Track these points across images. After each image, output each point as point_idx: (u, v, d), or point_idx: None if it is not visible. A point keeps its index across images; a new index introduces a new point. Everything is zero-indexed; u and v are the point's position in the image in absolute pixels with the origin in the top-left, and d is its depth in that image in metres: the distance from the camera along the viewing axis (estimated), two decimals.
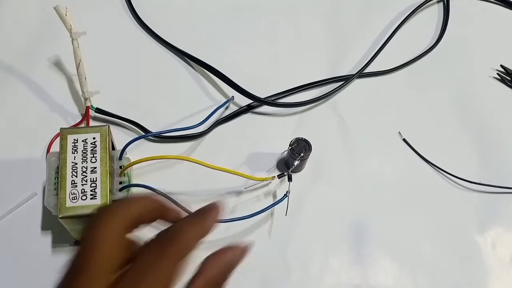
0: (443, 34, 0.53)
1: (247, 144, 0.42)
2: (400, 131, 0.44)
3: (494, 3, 0.57)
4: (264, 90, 0.45)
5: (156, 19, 0.51)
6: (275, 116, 0.45)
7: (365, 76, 0.48)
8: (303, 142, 0.38)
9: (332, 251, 0.37)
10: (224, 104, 0.43)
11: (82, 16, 0.43)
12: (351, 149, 0.43)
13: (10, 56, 0.47)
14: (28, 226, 0.37)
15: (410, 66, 0.50)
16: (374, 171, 0.42)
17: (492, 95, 0.48)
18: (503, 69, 0.50)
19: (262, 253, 0.36)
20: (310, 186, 0.40)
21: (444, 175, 0.42)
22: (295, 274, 0.35)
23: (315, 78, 0.47)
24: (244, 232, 0.37)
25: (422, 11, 0.55)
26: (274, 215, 0.38)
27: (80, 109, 0.44)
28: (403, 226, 0.38)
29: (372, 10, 0.55)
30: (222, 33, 0.51)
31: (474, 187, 0.41)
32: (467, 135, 0.45)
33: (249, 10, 0.53)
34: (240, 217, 0.33)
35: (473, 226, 0.39)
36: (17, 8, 0.51)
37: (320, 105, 0.46)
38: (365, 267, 0.37)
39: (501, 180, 0.41)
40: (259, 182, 0.38)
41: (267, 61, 0.49)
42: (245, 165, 0.40)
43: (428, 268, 0.36)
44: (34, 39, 0.48)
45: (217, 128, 0.43)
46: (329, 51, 0.50)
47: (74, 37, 0.40)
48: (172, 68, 0.48)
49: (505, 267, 0.37)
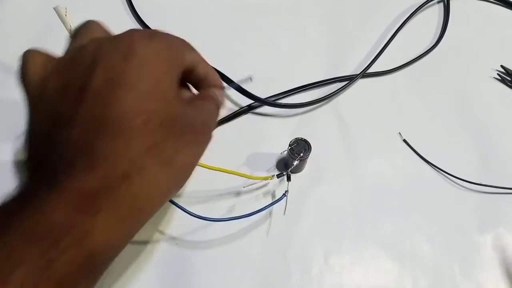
0: (443, 35, 0.53)
1: (247, 144, 0.42)
2: (400, 131, 0.44)
3: (494, 3, 0.57)
4: (265, 90, 0.45)
5: (156, 19, 0.51)
6: (275, 116, 0.45)
7: (366, 77, 0.48)
8: (303, 142, 0.38)
9: (332, 251, 0.37)
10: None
11: (82, 16, 0.43)
12: (351, 149, 0.43)
13: (10, 56, 0.47)
14: None
15: (410, 66, 0.50)
16: (374, 171, 0.41)
17: (492, 95, 0.48)
18: (503, 69, 0.50)
19: (261, 253, 0.36)
20: (310, 186, 0.40)
21: (444, 176, 0.42)
22: (295, 274, 0.35)
23: (315, 78, 0.47)
24: (241, 231, 0.37)
25: (422, 12, 0.56)
26: (272, 215, 0.38)
27: None
28: (403, 227, 0.38)
29: (372, 11, 0.55)
30: (222, 33, 0.51)
31: (474, 187, 0.41)
32: (467, 135, 0.45)
33: (249, 10, 0.53)
34: (238, 216, 0.33)
35: (473, 226, 0.39)
36: (17, 8, 0.51)
37: (320, 106, 0.46)
38: (365, 267, 0.36)
39: (501, 180, 0.41)
40: (258, 181, 0.38)
41: (267, 61, 0.49)
42: (245, 165, 0.40)
43: (428, 268, 0.36)
44: (34, 40, 0.48)
45: (217, 128, 0.43)
46: (329, 52, 0.51)
47: None
48: None
49: (505, 267, 0.37)
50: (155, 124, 0.21)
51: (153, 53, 0.22)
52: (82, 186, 0.20)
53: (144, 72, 0.21)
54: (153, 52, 0.23)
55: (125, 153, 0.20)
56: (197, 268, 0.35)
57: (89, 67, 0.21)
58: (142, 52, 0.22)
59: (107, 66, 0.21)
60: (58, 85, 0.22)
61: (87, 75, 0.21)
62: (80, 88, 0.21)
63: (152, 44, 0.23)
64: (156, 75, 0.22)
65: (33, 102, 0.24)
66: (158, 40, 0.23)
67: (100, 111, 0.20)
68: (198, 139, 0.26)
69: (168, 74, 0.23)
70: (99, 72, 0.21)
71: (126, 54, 0.21)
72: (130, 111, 0.21)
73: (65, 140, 0.21)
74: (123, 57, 0.21)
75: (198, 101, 0.28)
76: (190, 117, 0.25)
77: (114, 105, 0.20)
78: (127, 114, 0.20)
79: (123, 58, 0.21)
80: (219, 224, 0.36)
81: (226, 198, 0.38)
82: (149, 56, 0.22)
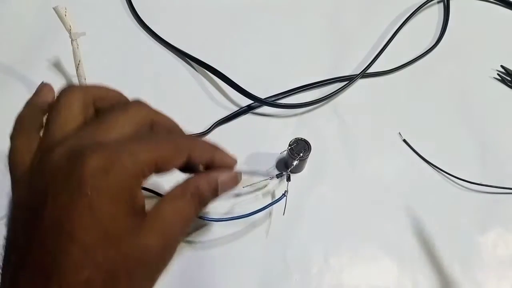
0: (443, 35, 0.53)
1: (247, 144, 0.42)
2: (400, 131, 0.44)
3: (494, 3, 0.57)
4: (265, 90, 0.45)
5: (156, 19, 0.51)
6: (275, 117, 0.45)
7: (366, 77, 0.48)
8: (303, 142, 0.38)
9: (332, 251, 0.37)
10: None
11: (82, 16, 0.43)
12: (351, 149, 0.43)
13: (10, 57, 0.47)
14: None
15: (410, 66, 0.50)
16: (374, 171, 0.41)
17: (492, 95, 0.48)
18: (503, 69, 0.50)
19: (261, 253, 0.36)
20: (310, 186, 0.40)
21: (444, 176, 0.42)
22: (295, 274, 0.35)
23: (315, 78, 0.47)
24: (241, 231, 0.37)
25: (422, 12, 0.56)
26: (272, 215, 0.38)
27: None
28: (403, 227, 0.38)
29: (372, 11, 0.55)
30: (222, 33, 0.51)
31: (474, 187, 0.41)
32: (467, 135, 0.45)
33: (249, 10, 0.53)
34: (237, 216, 0.33)
35: (474, 226, 0.39)
36: (17, 8, 0.51)
37: (320, 106, 0.46)
38: (365, 267, 0.36)
39: (501, 180, 0.41)
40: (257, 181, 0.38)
41: (267, 61, 0.49)
42: (245, 164, 0.40)
43: (428, 268, 0.36)
44: (34, 40, 0.48)
45: (217, 129, 0.43)
46: (329, 52, 0.51)
47: (73, 37, 0.40)
48: (173, 69, 0.48)
49: (505, 267, 0.37)
50: (98, 281, 0.20)
51: (106, 191, 0.20)
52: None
53: (91, 219, 0.20)
54: (106, 189, 0.20)
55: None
56: (197, 268, 0.35)
57: (44, 196, 0.20)
58: (93, 192, 0.20)
59: (56, 206, 0.20)
60: (23, 196, 0.22)
61: (42, 204, 0.20)
62: (36, 216, 0.21)
63: (107, 178, 0.20)
64: (106, 219, 0.20)
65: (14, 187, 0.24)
66: (116, 170, 0.21)
67: (47, 256, 0.20)
68: (153, 276, 0.23)
69: (123, 207, 0.21)
70: (49, 209, 0.20)
71: (75, 195, 0.20)
72: (74, 264, 0.20)
73: (22, 258, 0.21)
74: (71, 199, 0.20)
75: (166, 208, 0.23)
76: (146, 252, 0.22)
77: (60, 254, 0.20)
78: (71, 267, 0.20)
79: (71, 201, 0.20)
80: (219, 224, 0.36)
81: (226, 198, 0.38)
82: (101, 197, 0.20)
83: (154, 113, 0.26)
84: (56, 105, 0.24)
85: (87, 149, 0.21)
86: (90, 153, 0.20)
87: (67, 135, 0.23)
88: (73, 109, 0.24)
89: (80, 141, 0.22)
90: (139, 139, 0.23)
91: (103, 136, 0.22)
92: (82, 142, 0.22)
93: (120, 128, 0.23)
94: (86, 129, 0.23)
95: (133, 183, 0.21)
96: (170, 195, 0.24)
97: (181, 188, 0.25)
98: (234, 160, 0.28)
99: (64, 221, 0.20)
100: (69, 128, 0.23)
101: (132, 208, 0.22)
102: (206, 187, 0.25)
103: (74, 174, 0.20)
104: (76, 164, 0.20)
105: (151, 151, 0.22)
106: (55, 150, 0.21)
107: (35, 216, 0.20)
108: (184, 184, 0.25)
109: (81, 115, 0.24)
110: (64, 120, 0.23)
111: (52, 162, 0.21)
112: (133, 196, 0.22)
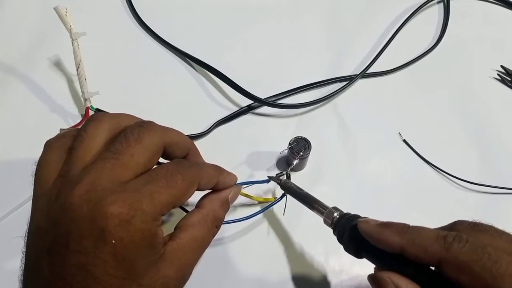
0: (443, 35, 0.53)
1: (247, 144, 0.42)
2: (400, 131, 0.44)
3: (494, 3, 0.57)
4: (265, 90, 0.45)
5: (156, 19, 0.51)
6: (275, 117, 0.45)
7: (366, 77, 0.48)
8: (303, 141, 0.38)
9: (332, 251, 0.37)
10: None
11: (82, 16, 0.43)
12: (351, 149, 0.43)
13: (10, 56, 0.47)
14: None
15: (410, 66, 0.50)
16: (374, 171, 0.41)
17: (492, 95, 0.48)
18: (503, 69, 0.50)
19: (261, 253, 0.36)
20: (310, 186, 0.40)
21: (444, 176, 0.42)
22: (295, 274, 0.35)
23: (315, 78, 0.47)
24: (242, 231, 0.37)
25: (422, 12, 0.56)
26: (272, 215, 0.38)
27: (80, 109, 0.44)
28: None
29: (372, 11, 0.55)
30: (222, 33, 0.51)
31: (474, 187, 0.41)
32: (467, 135, 0.45)
33: (249, 11, 0.53)
34: (237, 219, 0.33)
35: None
36: (17, 8, 0.51)
37: (320, 106, 0.46)
38: (365, 267, 0.36)
39: (501, 180, 0.41)
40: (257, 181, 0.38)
41: (267, 61, 0.49)
42: (245, 164, 0.40)
43: None
44: (34, 39, 0.48)
45: (217, 129, 0.43)
46: (329, 52, 0.51)
47: (74, 37, 0.40)
48: (173, 69, 0.48)
49: None
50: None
51: (129, 239, 0.21)
52: None
53: (115, 263, 0.21)
54: (129, 238, 0.21)
55: None
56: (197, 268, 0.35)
57: (65, 238, 0.21)
58: (117, 241, 0.20)
59: (80, 251, 0.20)
60: (42, 228, 0.22)
61: (64, 246, 0.21)
62: (59, 255, 0.21)
63: (130, 226, 0.21)
64: (129, 262, 0.21)
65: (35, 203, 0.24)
66: (138, 217, 0.21)
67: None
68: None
69: (144, 248, 0.22)
70: (73, 250, 0.21)
71: (99, 243, 0.20)
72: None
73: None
74: (96, 246, 0.20)
75: (186, 237, 0.25)
76: (166, 283, 0.23)
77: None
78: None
79: (96, 247, 0.20)
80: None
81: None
82: (124, 244, 0.21)
83: (165, 135, 0.26)
84: (81, 133, 0.24)
85: (107, 195, 0.21)
86: (111, 200, 0.21)
87: (87, 166, 0.23)
88: (97, 140, 0.24)
89: (99, 181, 0.22)
90: (156, 180, 0.23)
91: (120, 174, 0.22)
92: (101, 182, 0.22)
93: (135, 164, 0.23)
94: (104, 165, 0.22)
95: (153, 225, 0.22)
96: (189, 222, 0.26)
97: (201, 215, 0.26)
98: (235, 178, 0.30)
99: (89, 265, 0.20)
100: (90, 158, 0.23)
101: (152, 246, 0.22)
102: (222, 211, 0.28)
103: (97, 223, 0.21)
104: (97, 211, 0.21)
105: (168, 191, 0.23)
106: (75, 188, 0.21)
107: (58, 254, 0.21)
108: (202, 211, 0.27)
109: (104, 145, 0.24)
110: (86, 150, 0.23)
111: (72, 204, 0.21)
112: (153, 235, 0.22)
